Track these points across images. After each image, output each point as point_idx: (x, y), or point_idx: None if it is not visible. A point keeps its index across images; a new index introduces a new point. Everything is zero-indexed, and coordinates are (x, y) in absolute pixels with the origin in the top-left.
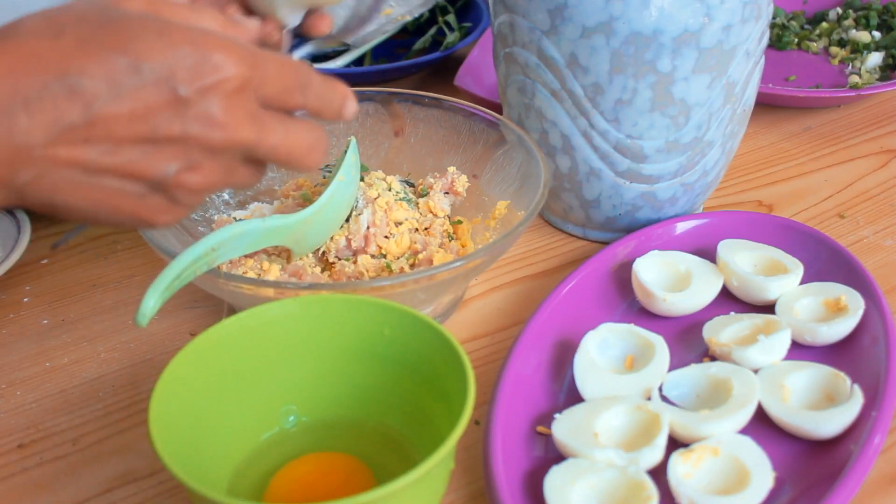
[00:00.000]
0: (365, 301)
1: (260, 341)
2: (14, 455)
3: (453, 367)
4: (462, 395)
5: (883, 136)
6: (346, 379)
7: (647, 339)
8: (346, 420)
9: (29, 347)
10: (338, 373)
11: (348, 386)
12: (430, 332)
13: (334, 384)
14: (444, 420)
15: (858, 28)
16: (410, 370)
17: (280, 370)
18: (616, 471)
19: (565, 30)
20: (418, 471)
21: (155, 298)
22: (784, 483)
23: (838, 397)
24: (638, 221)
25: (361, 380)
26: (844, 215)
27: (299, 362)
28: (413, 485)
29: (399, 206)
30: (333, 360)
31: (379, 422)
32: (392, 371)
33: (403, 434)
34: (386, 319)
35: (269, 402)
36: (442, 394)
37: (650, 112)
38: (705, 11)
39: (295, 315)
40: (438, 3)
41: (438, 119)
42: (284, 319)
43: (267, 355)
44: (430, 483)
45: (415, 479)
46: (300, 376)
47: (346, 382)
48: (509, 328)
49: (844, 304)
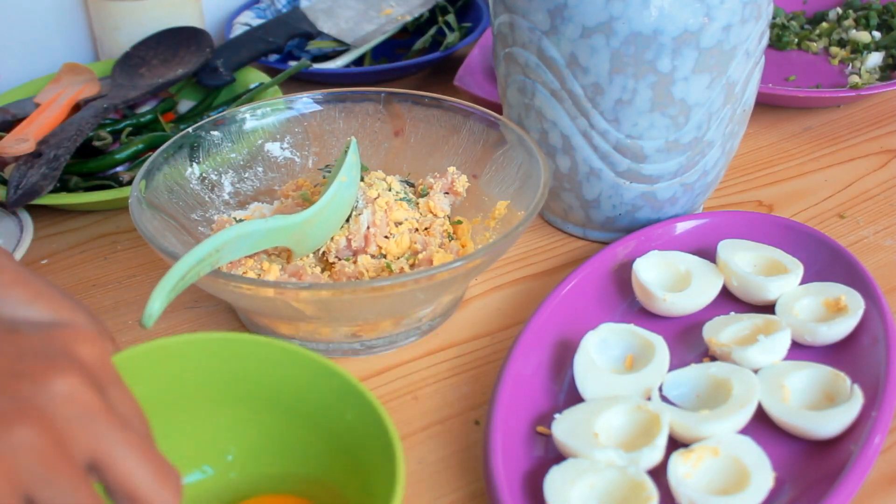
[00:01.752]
0: (278, 346)
1: (167, 377)
2: None
3: (378, 437)
4: (390, 478)
5: (883, 136)
6: (263, 429)
7: (647, 339)
8: (271, 469)
9: None
10: (255, 422)
11: (266, 437)
12: (353, 395)
13: (254, 433)
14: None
15: (858, 28)
16: (327, 433)
17: (193, 411)
18: (616, 471)
19: (565, 30)
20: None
21: (161, 300)
22: (784, 483)
23: (838, 397)
24: (638, 221)
25: (278, 430)
26: (844, 215)
27: (213, 405)
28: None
29: (399, 206)
30: (250, 408)
31: (307, 473)
32: (309, 428)
33: (337, 482)
34: (301, 371)
35: (185, 446)
36: (361, 469)
37: (650, 112)
38: (705, 11)
39: (200, 353)
40: (438, 3)
41: (438, 119)
42: (189, 356)
43: (173, 392)
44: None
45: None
46: (218, 420)
47: (262, 433)
48: (509, 328)
49: (844, 304)
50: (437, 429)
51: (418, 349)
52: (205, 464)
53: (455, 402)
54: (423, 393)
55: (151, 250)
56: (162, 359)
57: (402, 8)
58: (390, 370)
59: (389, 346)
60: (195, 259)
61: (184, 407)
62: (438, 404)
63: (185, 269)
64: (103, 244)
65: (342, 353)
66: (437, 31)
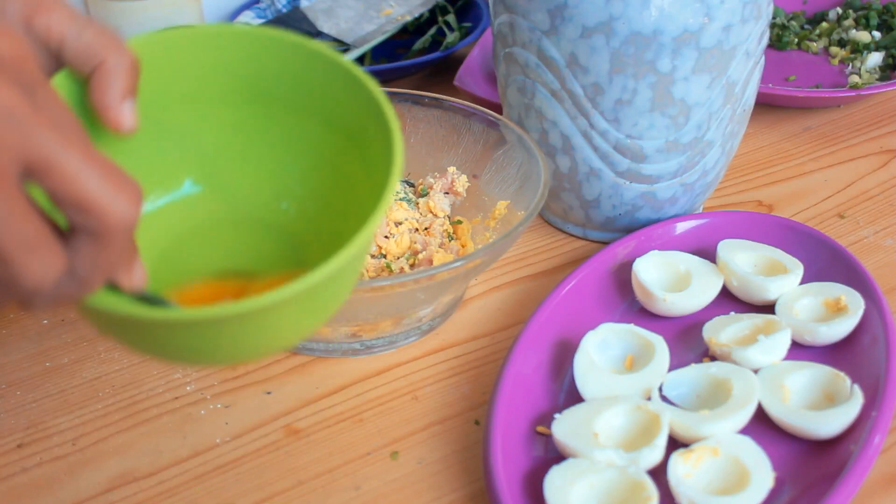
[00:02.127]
0: (263, 34)
1: (147, 79)
2: (14, 455)
3: (372, 117)
4: (386, 156)
5: (883, 136)
6: (244, 136)
7: (647, 339)
8: (250, 196)
9: (29, 347)
10: (232, 128)
11: (246, 145)
12: (336, 70)
13: (232, 144)
14: (363, 188)
15: (858, 28)
16: (319, 122)
17: (167, 119)
18: (616, 471)
19: (565, 30)
20: (345, 252)
21: None
22: (784, 483)
23: (838, 397)
24: (638, 221)
25: (260, 137)
26: (844, 215)
27: (188, 113)
28: (332, 278)
29: (399, 206)
30: (240, 106)
31: (289, 197)
32: (298, 125)
33: (303, 227)
34: (289, 57)
35: (158, 161)
36: (361, 155)
37: (650, 112)
38: (705, 11)
39: (180, 50)
40: (438, 3)
41: (438, 119)
42: (174, 52)
43: (155, 96)
44: (341, 282)
45: (335, 269)
46: (203, 125)
47: (242, 140)
48: (509, 328)
49: (844, 304)
50: (437, 429)
51: (418, 349)
52: (188, 177)
53: (455, 402)
54: (423, 393)
55: None
56: (145, 57)
57: (402, 8)
58: (390, 370)
59: (389, 346)
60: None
61: (165, 112)
62: (438, 404)
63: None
64: None
65: (342, 353)
66: (437, 31)
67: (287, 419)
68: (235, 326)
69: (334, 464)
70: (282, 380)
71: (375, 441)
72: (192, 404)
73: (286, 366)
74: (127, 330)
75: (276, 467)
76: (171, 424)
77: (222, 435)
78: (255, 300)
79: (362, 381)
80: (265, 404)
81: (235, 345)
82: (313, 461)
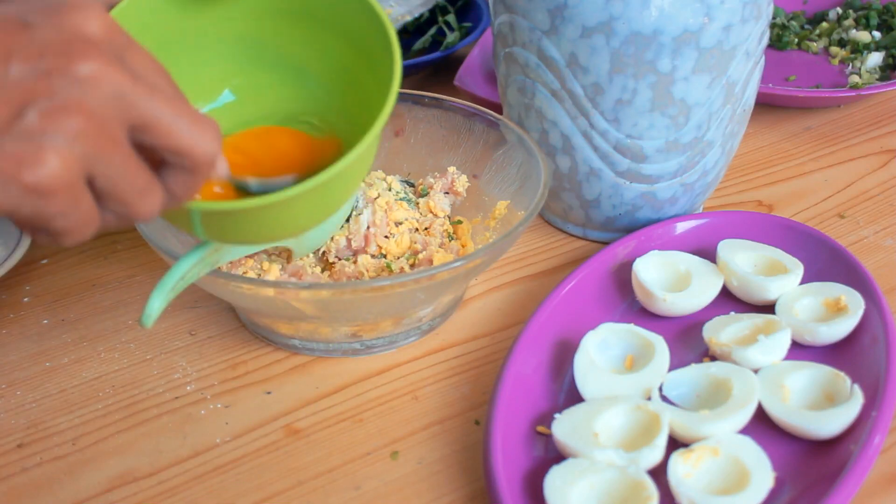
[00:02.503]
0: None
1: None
2: (14, 455)
3: (370, 25)
4: (387, 59)
5: (883, 136)
6: (274, 52)
7: (647, 339)
8: (278, 106)
9: (29, 347)
10: (264, 44)
11: (276, 57)
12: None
13: (263, 58)
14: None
15: (858, 28)
16: (338, 35)
17: (212, 35)
18: (616, 471)
19: (565, 30)
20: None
21: (160, 299)
22: (784, 483)
23: (838, 397)
24: (638, 221)
25: (287, 50)
26: (844, 215)
27: (229, 29)
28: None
29: (399, 206)
30: (259, 22)
31: (312, 111)
32: (322, 38)
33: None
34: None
35: (202, 75)
36: (370, 66)
37: (650, 112)
38: (705, 11)
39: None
40: (438, 3)
41: (438, 119)
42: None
43: (180, 28)
44: (357, 169)
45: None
46: (231, 46)
47: (273, 55)
48: (509, 328)
49: (844, 304)
50: (437, 429)
51: (418, 349)
52: (226, 87)
53: (455, 402)
54: (423, 393)
55: (151, 250)
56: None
57: (402, 8)
58: (390, 370)
59: (389, 346)
60: (195, 259)
61: (211, 28)
62: (438, 404)
63: (184, 268)
64: (103, 244)
65: (342, 353)
66: (437, 31)
67: (287, 419)
68: (296, 205)
69: (334, 464)
70: (282, 380)
71: (375, 441)
72: (192, 404)
73: (286, 366)
74: (211, 220)
75: (276, 467)
76: (171, 424)
77: (222, 435)
78: (311, 180)
79: (362, 381)
80: (265, 404)
81: (294, 220)
82: (313, 461)
